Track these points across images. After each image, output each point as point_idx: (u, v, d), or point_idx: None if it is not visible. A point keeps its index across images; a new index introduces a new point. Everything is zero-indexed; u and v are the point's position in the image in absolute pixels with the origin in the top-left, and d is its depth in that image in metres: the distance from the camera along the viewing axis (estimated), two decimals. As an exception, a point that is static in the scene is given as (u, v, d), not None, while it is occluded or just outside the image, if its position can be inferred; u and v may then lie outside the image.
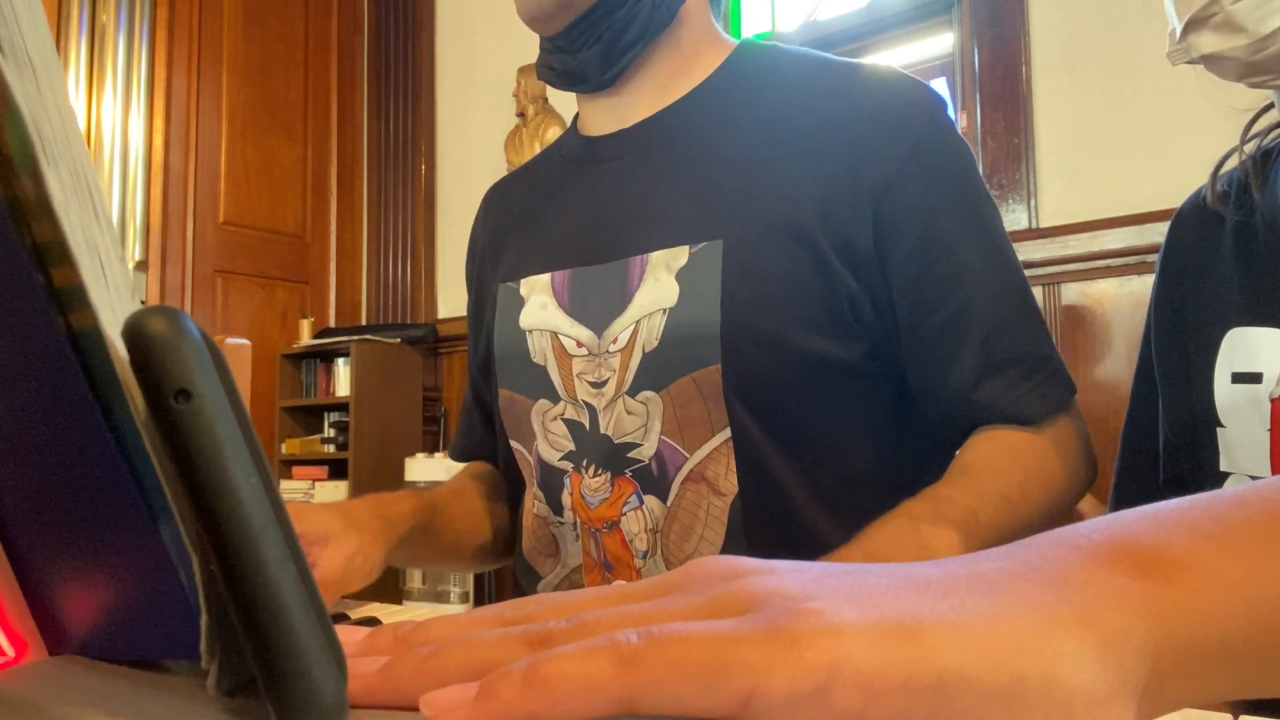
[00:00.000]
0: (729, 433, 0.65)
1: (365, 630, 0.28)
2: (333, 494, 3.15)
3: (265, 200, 3.48)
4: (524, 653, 0.23)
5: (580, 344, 0.71)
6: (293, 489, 3.23)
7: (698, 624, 0.21)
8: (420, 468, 2.94)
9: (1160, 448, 0.75)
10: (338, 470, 3.22)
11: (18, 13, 0.21)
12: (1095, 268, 2.18)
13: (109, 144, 3.08)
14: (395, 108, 3.68)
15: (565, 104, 3.16)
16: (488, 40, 3.44)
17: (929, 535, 0.53)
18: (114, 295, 0.23)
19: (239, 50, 3.42)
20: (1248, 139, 0.71)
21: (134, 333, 0.20)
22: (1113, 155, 2.19)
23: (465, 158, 3.52)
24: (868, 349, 0.67)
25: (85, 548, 0.27)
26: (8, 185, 0.21)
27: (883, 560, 0.49)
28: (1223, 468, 0.67)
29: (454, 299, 3.50)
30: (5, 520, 0.28)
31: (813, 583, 0.22)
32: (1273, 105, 0.70)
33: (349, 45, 3.79)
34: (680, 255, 0.67)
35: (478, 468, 0.90)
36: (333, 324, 3.62)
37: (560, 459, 0.72)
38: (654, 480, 0.68)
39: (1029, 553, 0.23)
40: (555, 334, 0.72)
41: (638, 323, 0.68)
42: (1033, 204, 2.29)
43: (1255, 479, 0.64)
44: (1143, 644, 0.21)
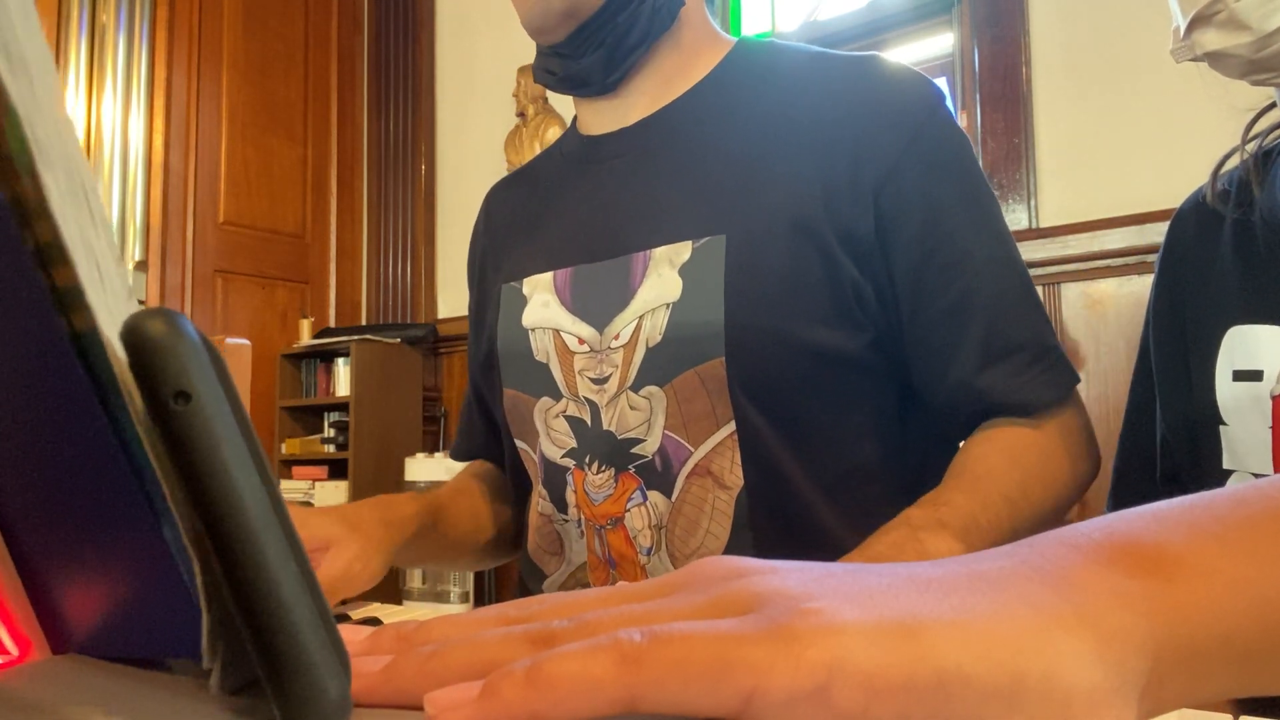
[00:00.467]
0: (734, 426, 0.65)
1: (368, 630, 0.28)
2: (333, 494, 3.15)
3: (265, 200, 3.48)
4: (526, 652, 0.23)
5: (582, 341, 0.71)
6: (293, 489, 3.23)
7: (700, 623, 0.21)
8: (420, 468, 2.94)
9: (1158, 446, 0.75)
10: (338, 470, 3.22)
11: (12, 14, 0.21)
12: (1095, 268, 2.18)
13: (109, 144, 3.08)
14: (395, 108, 3.68)
15: (565, 104, 3.15)
16: (488, 40, 3.44)
17: (928, 543, 0.53)
18: (111, 297, 0.23)
19: (239, 50, 3.42)
20: (1249, 139, 0.71)
21: (132, 335, 0.20)
22: (1113, 155, 2.19)
23: (465, 158, 3.52)
24: (872, 340, 0.67)
25: (87, 547, 0.27)
26: (8, 185, 0.21)
27: None
28: (1226, 465, 0.67)
29: (454, 299, 3.50)
30: (8, 520, 0.28)
31: (814, 582, 0.22)
32: (1274, 105, 0.70)
33: (349, 45, 3.79)
34: (683, 250, 0.67)
35: (479, 467, 0.90)
36: (333, 324, 3.62)
37: (563, 456, 0.72)
38: (658, 475, 0.68)
39: (1029, 552, 0.23)
40: (557, 331, 0.72)
41: (640, 318, 0.68)
42: (1033, 204, 2.29)
43: (1259, 476, 0.65)
44: (1143, 643, 0.21)
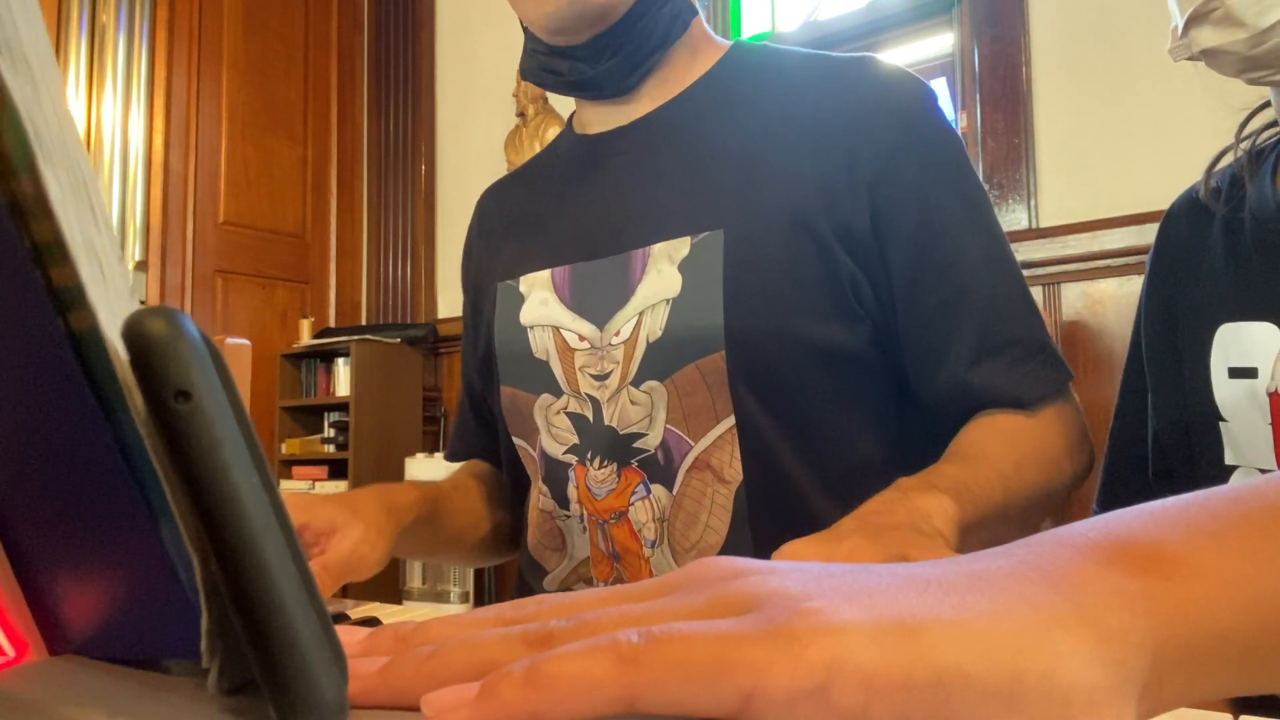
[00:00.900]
0: (733, 420, 0.66)
1: (366, 630, 0.28)
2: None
3: (265, 200, 3.48)
4: (525, 652, 0.23)
5: (582, 338, 0.71)
6: (293, 489, 3.23)
7: (698, 623, 0.21)
8: (420, 468, 2.94)
9: (1149, 442, 0.75)
10: (338, 470, 3.22)
11: (14, 12, 0.21)
12: (1095, 268, 2.18)
13: (109, 144, 3.08)
14: (395, 108, 3.68)
15: (565, 104, 3.14)
16: (488, 40, 3.44)
17: (918, 500, 0.53)
18: (113, 295, 0.23)
19: (239, 50, 3.42)
20: (1242, 137, 0.71)
21: (133, 333, 0.20)
22: (1113, 155, 2.19)
23: (465, 158, 3.52)
24: (870, 336, 0.67)
25: (86, 547, 0.27)
26: (6, 184, 0.21)
27: (875, 522, 0.49)
28: (1228, 461, 0.68)
29: (454, 299, 3.50)
30: (5, 520, 0.28)
31: (813, 582, 0.22)
32: (1268, 104, 0.70)
33: (349, 45, 3.79)
34: (682, 246, 0.68)
35: (476, 466, 0.90)
36: (333, 324, 3.62)
37: (564, 452, 0.73)
38: (660, 469, 0.68)
39: (1028, 552, 0.23)
40: (557, 329, 0.72)
41: (641, 314, 0.68)
42: (1033, 204, 2.29)
43: (1263, 471, 0.65)
44: (1142, 641, 0.21)
